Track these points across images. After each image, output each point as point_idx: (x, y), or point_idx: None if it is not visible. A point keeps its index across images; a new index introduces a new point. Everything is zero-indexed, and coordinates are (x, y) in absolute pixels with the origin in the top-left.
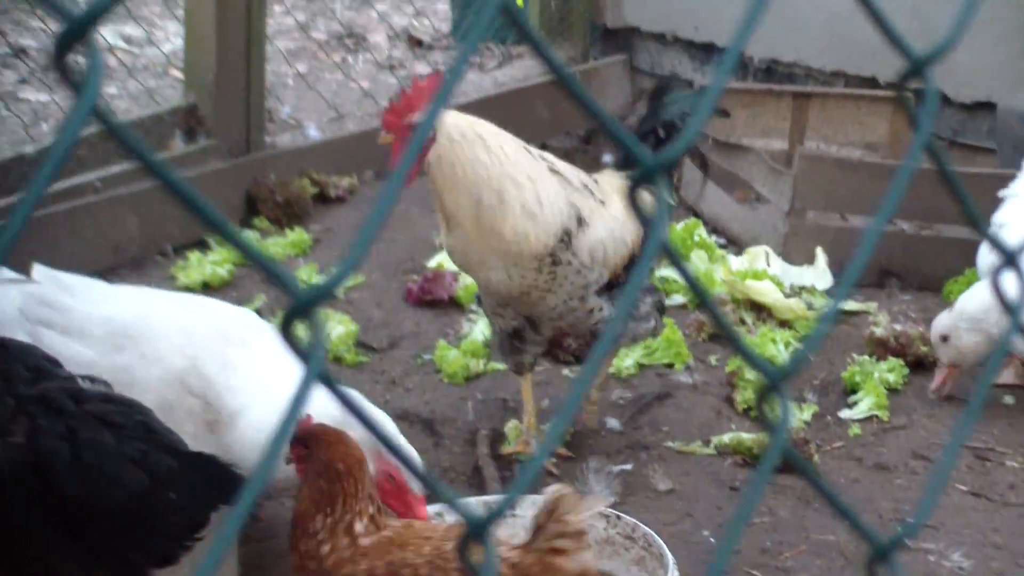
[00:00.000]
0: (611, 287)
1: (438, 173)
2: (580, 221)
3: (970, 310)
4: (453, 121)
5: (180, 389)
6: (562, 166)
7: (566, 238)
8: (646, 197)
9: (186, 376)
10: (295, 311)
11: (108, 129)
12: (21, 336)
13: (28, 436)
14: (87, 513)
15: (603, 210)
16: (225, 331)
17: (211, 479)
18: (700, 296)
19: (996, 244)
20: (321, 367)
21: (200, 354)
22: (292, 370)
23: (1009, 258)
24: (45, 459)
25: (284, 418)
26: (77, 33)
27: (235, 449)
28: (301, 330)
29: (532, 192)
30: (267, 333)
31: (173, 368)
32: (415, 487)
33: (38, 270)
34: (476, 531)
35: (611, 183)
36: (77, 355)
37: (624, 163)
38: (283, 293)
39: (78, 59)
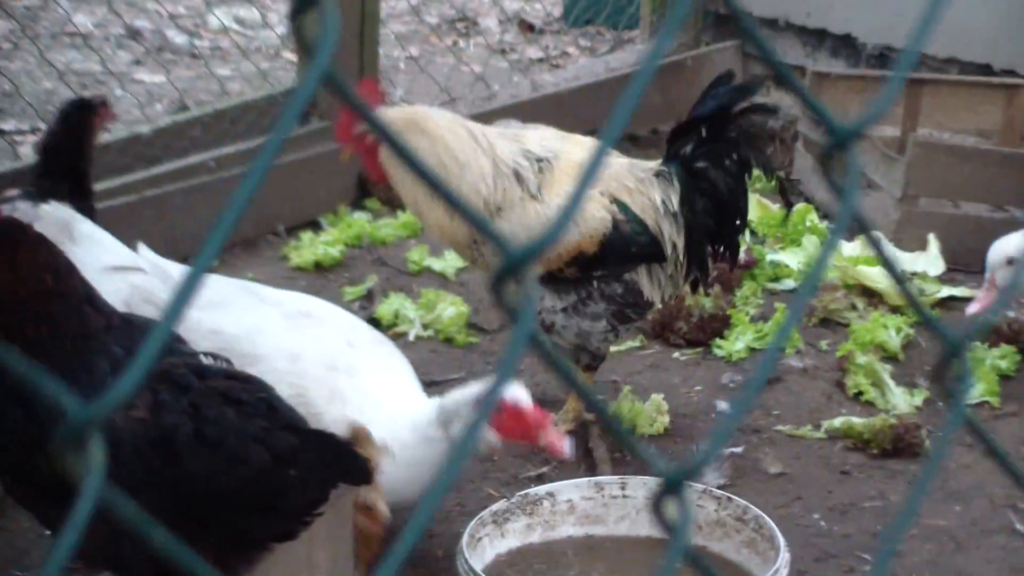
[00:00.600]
0: (555, 280)
1: (388, 169)
2: (498, 210)
3: None
4: (396, 115)
5: None
6: (504, 150)
7: None
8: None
9: (294, 406)
10: (507, 269)
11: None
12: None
13: (151, 411)
14: (208, 489)
15: (528, 204)
16: (333, 357)
17: (331, 457)
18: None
19: None
20: (531, 326)
21: (306, 383)
22: (397, 393)
23: None
24: (167, 434)
25: (493, 385)
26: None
27: None
28: (511, 290)
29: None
30: (375, 348)
31: (283, 395)
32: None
33: (144, 253)
34: (672, 485)
35: (568, 166)
36: None
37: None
38: (496, 250)
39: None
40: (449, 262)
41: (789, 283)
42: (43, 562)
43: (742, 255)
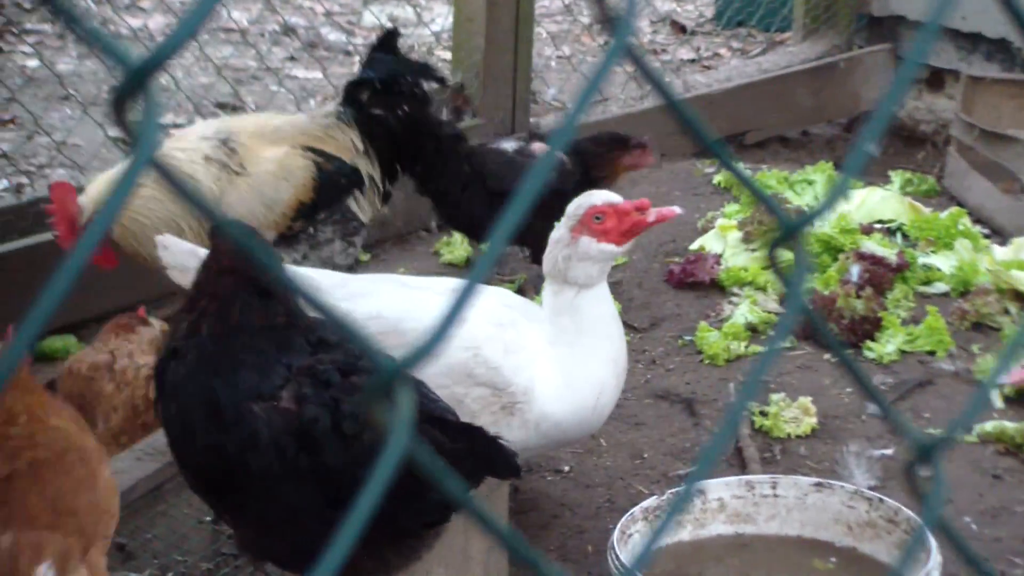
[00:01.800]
0: (286, 239)
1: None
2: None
3: None
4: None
5: (467, 381)
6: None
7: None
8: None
9: (471, 367)
10: (784, 236)
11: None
12: None
13: (296, 403)
14: (351, 480)
15: (238, 181)
16: (496, 315)
17: (477, 451)
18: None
19: None
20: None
21: (479, 342)
22: (567, 337)
23: None
24: (307, 427)
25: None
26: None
27: (540, 425)
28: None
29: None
30: (530, 309)
31: (456, 361)
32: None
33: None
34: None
35: (249, 135)
36: None
37: None
38: (773, 217)
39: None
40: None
41: (940, 286)
42: (205, 546)
43: (894, 258)
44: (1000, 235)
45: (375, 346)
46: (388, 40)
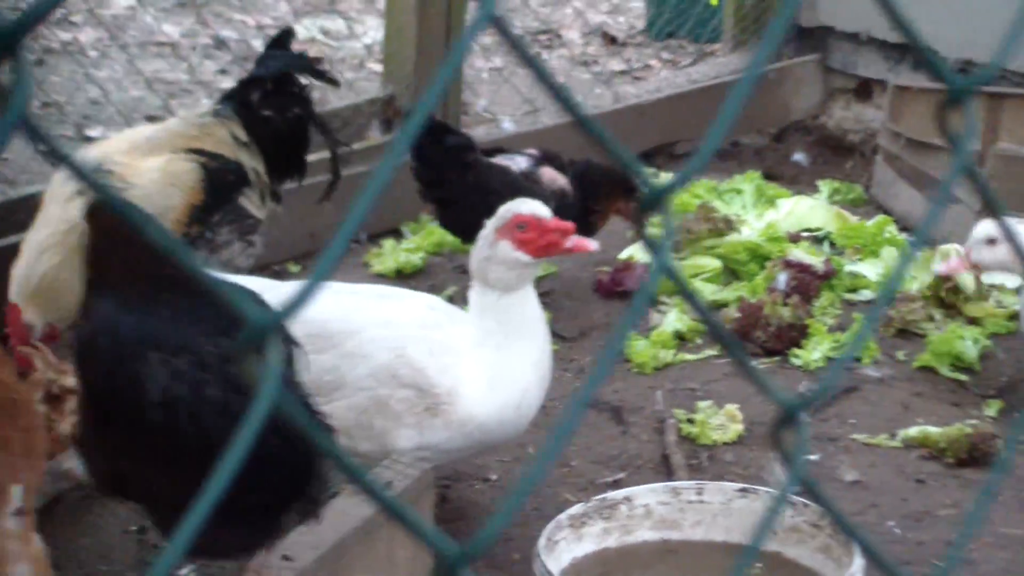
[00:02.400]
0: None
1: None
2: None
3: None
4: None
5: (392, 383)
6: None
7: None
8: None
9: (396, 368)
10: (650, 202)
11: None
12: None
13: (188, 363)
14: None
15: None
16: (421, 317)
17: (307, 461)
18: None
19: None
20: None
21: (404, 343)
22: (492, 339)
23: None
24: (191, 388)
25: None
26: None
27: (464, 426)
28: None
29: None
30: (455, 313)
31: (381, 362)
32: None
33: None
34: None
35: (125, 154)
36: None
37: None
38: (637, 180)
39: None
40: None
41: (867, 294)
42: (131, 556)
43: (821, 266)
44: (927, 243)
45: (246, 301)
46: (282, 39)
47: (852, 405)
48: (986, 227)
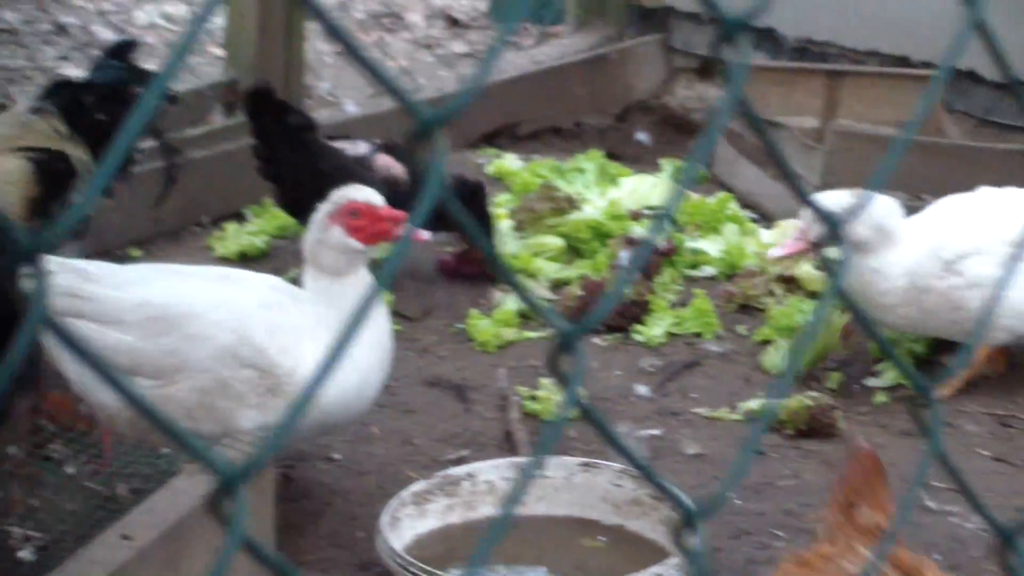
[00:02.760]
0: None
1: None
2: None
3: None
4: None
5: (233, 363)
6: None
7: None
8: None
9: (237, 349)
10: (420, 132)
11: None
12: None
13: None
14: None
15: None
16: (262, 297)
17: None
18: None
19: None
20: (437, 184)
21: (246, 324)
22: (327, 323)
23: None
24: None
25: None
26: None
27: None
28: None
29: None
30: (298, 293)
31: (222, 344)
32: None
33: (50, 261)
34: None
35: None
36: (118, 343)
37: None
38: (407, 113)
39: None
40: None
41: (708, 270)
42: None
43: (663, 243)
44: (768, 219)
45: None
46: (121, 50)
47: (694, 379)
48: (824, 202)
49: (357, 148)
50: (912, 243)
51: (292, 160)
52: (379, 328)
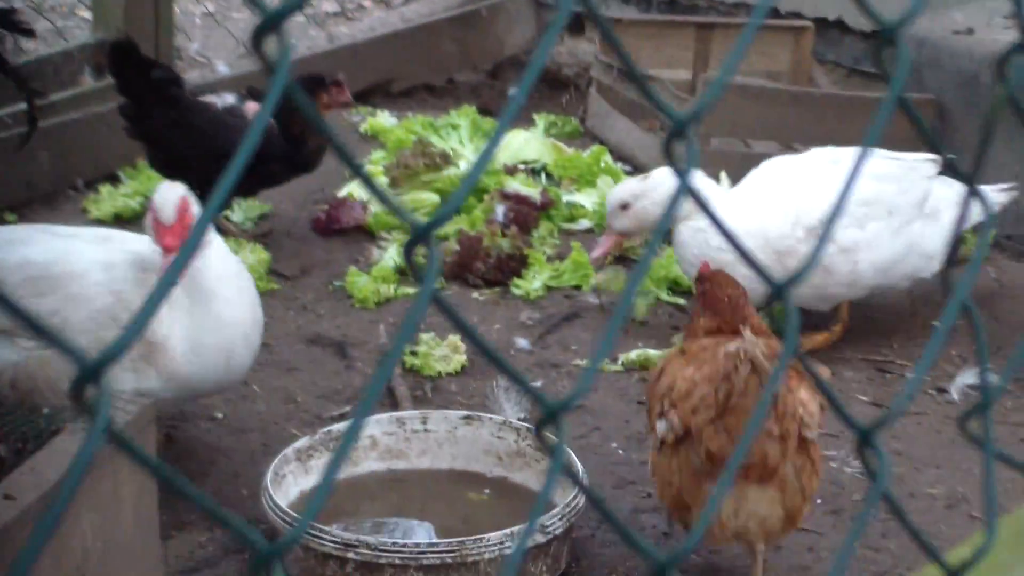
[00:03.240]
0: None
1: None
2: None
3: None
4: None
5: (112, 325)
6: None
7: None
8: None
9: (116, 311)
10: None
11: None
12: None
13: None
14: None
15: None
16: (141, 259)
17: None
18: None
19: None
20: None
21: (124, 287)
22: (190, 300)
23: None
24: None
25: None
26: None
27: (173, 379)
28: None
29: None
30: None
31: (101, 306)
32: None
33: None
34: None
35: None
36: None
37: None
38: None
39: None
40: (248, 213)
41: (584, 223)
42: None
43: (538, 196)
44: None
45: None
46: None
47: (573, 332)
48: (618, 192)
49: (225, 100)
50: (759, 205)
51: (161, 117)
52: (237, 304)
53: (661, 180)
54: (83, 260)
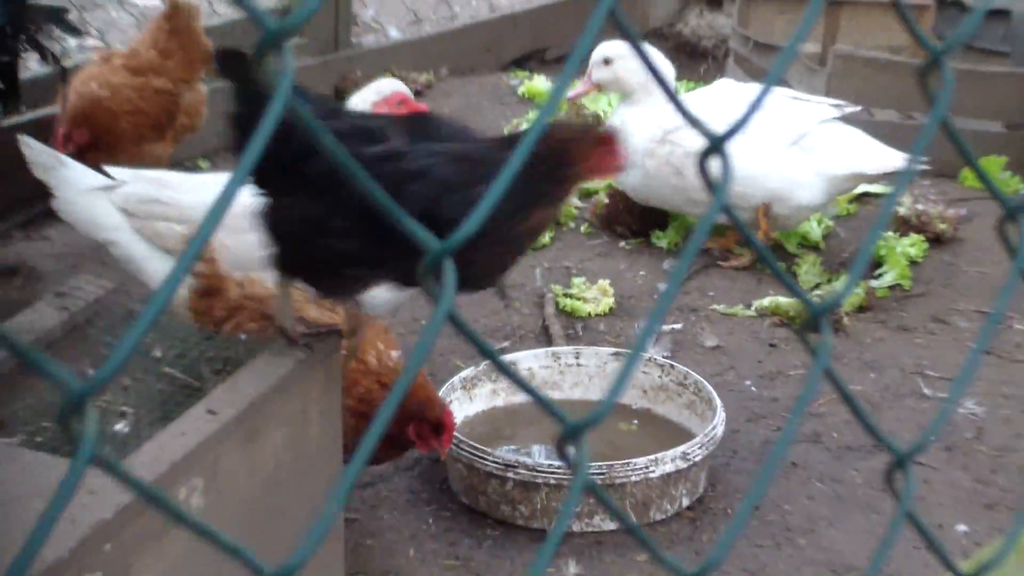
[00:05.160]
0: None
1: None
2: None
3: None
4: None
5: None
6: None
7: None
8: None
9: None
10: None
11: None
12: (127, 236)
13: None
14: None
15: None
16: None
17: None
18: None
19: None
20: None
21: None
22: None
23: None
24: None
25: None
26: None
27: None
28: None
29: None
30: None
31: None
32: None
33: (116, 171)
34: None
35: None
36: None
37: None
38: None
39: None
40: None
41: None
42: None
43: None
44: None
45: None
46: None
47: (711, 280)
48: (604, 47)
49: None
50: (657, 110)
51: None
52: None
53: (648, 51)
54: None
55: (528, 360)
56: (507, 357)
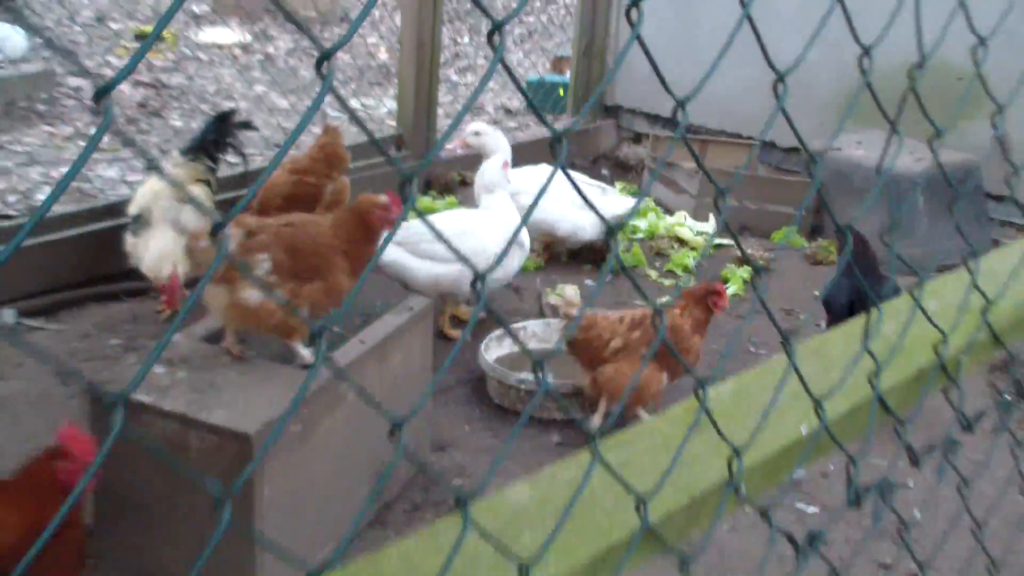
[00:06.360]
0: None
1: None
2: None
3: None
4: None
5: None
6: None
7: None
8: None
9: (494, 250)
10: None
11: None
12: (409, 259)
13: None
14: None
15: None
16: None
17: None
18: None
19: None
20: None
21: (500, 239)
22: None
23: None
24: None
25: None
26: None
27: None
28: None
29: None
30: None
31: (492, 246)
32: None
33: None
34: None
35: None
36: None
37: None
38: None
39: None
40: None
41: (640, 236)
42: None
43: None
44: (669, 211)
45: None
46: (223, 117)
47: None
48: (476, 124)
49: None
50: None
51: None
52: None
53: (498, 139)
54: (483, 223)
55: (532, 326)
56: (520, 324)
